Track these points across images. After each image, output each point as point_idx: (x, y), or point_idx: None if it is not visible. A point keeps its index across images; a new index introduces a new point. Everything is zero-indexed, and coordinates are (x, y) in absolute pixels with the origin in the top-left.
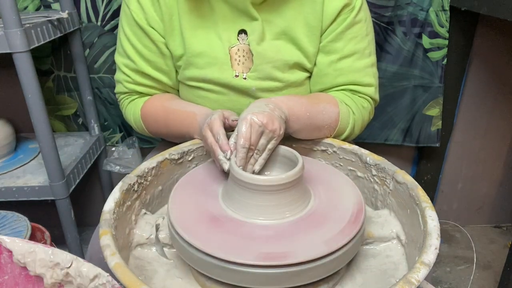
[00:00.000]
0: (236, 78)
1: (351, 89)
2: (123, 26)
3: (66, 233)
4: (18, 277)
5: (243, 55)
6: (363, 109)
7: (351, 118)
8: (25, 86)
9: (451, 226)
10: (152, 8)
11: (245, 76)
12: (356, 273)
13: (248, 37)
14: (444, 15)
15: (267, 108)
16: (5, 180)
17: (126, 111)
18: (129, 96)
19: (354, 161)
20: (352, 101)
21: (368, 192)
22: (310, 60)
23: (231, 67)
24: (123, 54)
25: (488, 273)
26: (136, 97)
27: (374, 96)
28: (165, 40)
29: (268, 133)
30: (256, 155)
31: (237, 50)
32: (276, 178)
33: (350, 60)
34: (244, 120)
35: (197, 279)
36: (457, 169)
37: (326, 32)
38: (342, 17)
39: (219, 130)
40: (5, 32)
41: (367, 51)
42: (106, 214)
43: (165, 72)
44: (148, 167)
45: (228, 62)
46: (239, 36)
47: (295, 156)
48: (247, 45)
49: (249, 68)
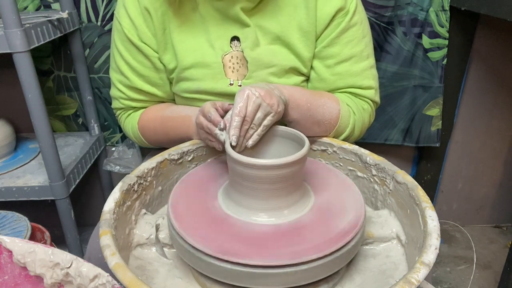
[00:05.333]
0: (231, 86)
1: (351, 92)
2: (116, 42)
3: (66, 233)
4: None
5: (236, 62)
6: (363, 110)
7: (352, 118)
8: (25, 86)
9: (451, 226)
10: (144, 24)
11: (240, 83)
12: (355, 273)
13: (241, 43)
14: (444, 15)
15: (267, 86)
16: (5, 180)
17: (125, 125)
18: (125, 111)
19: (354, 161)
20: (353, 102)
21: (368, 192)
22: (305, 65)
23: (225, 76)
24: (116, 70)
25: (488, 273)
26: (132, 112)
27: (374, 98)
28: (159, 54)
29: (266, 107)
30: (251, 130)
31: (231, 58)
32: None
33: (347, 64)
34: (241, 91)
35: (197, 279)
36: (457, 169)
37: (321, 37)
38: (336, 21)
39: (210, 109)
40: (5, 32)
41: (364, 53)
42: (106, 214)
43: (160, 86)
44: (148, 168)
45: (222, 70)
46: (232, 43)
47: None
48: (240, 52)
49: (244, 75)
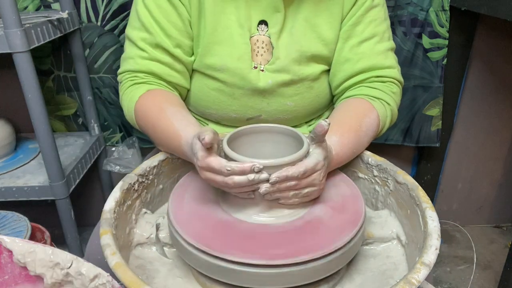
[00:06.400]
0: (254, 70)
1: (375, 75)
2: (144, 0)
3: (66, 233)
4: (18, 277)
5: (262, 46)
6: (394, 94)
7: (388, 110)
8: (25, 86)
9: (451, 226)
10: None
11: (263, 68)
12: (355, 273)
13: (268, 29)
14: (444, 15)
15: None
16: (5, 180)
17: (124, 95)
18: (134, 77)
19: (355, 161)
20: (382, 92)
21: (368, 193)
22: (329, 48)
23: (250, 58)
24: (140, 28)
25: (488, 273)
26: (140, 82)
27: (399, 78)
28: (191, 20)
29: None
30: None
31: (256, 41)
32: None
33: (370, 43)
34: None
35: (198, 279)
36: (457, 169)
37: (347, 17)
38: (361, 1)
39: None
40: (5, 32)
41: (386, 34)
42: (106, 214)
43: (185, 52)
44: (150, 166)
45: (249, 52)
46: (259, 27)
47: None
48: (267, 37)
49: (268, 61)
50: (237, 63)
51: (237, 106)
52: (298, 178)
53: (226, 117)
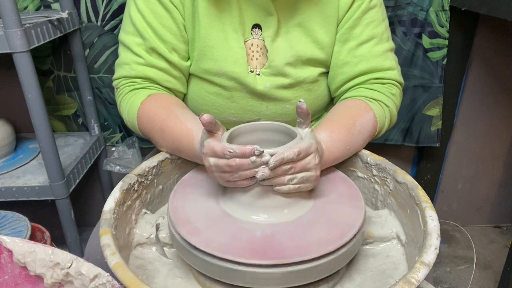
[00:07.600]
0: (250, 74)
1: (375, 77)
2: (138, 4)
3: (66, 233)
4: (18, 277)
5: (257, 50)
6: (393, 96)
7: (386, 112)
8: (25, 86)
9: (451, 226)
10: None
11: (259, 72)
12: (355, 273)
13: (262, 32)
14: (444, 15)
15: None
16: (5, 180)
17: (123, 101)
18: (132, 83)
19: (354, 161)
20: (380, 93)
21: (368, 193)
22: (325, 52)
23: (246, 62)
24: (134, 33)
25: (488, 273)
26: (139, 87)
27: (399, 79)
28: (185, 23)
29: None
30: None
31: (251, 45)
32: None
33: (369, 45)
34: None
35: (198, 279)
36: (457, 169)
37: (343, 20)
38: (357, 3)
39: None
40: (5, 32)
41: (385, 35)
42: (106, 214)
43: (181, 56)
44: (149, 166)
45: (244, 56)
46: (253, 31)
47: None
48: (261, 40)
49: (263, 65)
50: (233, 67)
51: (236, 109)
52: (293, 160)
53: (225, 121)
